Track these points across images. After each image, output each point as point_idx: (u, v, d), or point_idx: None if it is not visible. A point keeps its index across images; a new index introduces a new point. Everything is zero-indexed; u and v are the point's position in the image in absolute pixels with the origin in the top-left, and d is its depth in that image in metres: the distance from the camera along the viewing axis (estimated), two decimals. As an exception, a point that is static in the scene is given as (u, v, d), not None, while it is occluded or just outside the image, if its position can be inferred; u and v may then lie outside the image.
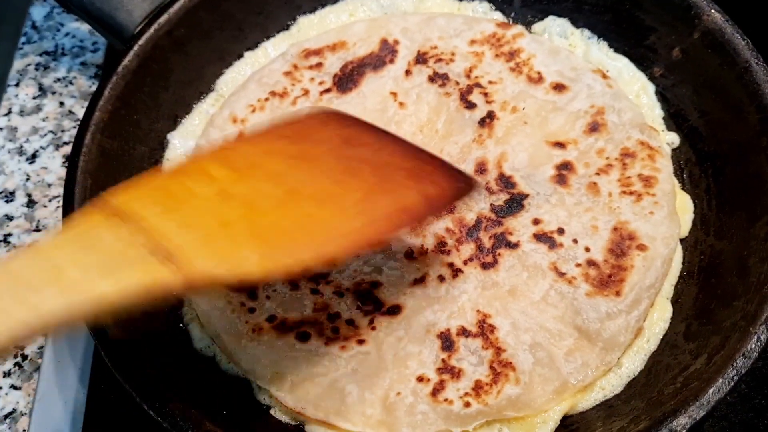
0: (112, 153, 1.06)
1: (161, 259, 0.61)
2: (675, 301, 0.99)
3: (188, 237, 0.63)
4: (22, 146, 1.30)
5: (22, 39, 1.42)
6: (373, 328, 0.95)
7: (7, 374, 1.10)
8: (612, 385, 0.94)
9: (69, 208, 0.97)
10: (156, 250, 0.61)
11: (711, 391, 0.79)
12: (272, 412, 0.95)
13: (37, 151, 1.30)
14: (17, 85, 1.36)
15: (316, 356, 0.93)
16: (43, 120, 1.33)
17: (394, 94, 1.13)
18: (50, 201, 1.25)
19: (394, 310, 0.96)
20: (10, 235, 1.21)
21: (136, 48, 1.10)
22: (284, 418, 0.94)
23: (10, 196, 1.25)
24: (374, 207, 0.72)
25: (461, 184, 0.82)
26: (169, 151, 1.14)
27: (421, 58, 1.16)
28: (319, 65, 1.18)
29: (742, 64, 1.02)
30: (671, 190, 1.03)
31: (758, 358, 0.82)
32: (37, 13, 1.44)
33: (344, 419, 0.90)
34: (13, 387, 1.10)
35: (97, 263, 0.60)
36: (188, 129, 1.17)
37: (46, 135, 1.31)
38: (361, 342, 0.94)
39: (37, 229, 1.22)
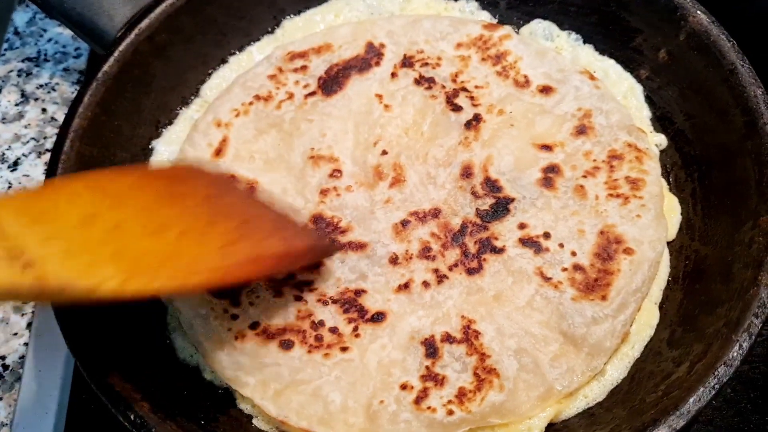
0: (92, 160, 1.05)
1: (20, 265, 0.64)
2: (660, 307, 0.98)
3: (50, 249, 0.67)
4: (4, 153, 1.30)
5: (5, 45, 1.41)
6: (357, 336, 0.94)
7: (-12, 384, 1.10)
8: (595, 392, 0.93)
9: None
10: (15, 256, 0.65)
11: (691, 400, 0.78)
12: (254, 421, 0.94)
13: (19, 158, 1.29)
14: None
15: (300, 364, 0.92)
16: (26, 127, 1.32)
17: (379, 96, 1.12)
18: None
19: (379, 318, 0.95)
20: (-8, 242, 1.20)
21: (116, 54, 1.09)
22: (266, 427, 0.94)
23: (-9, 204, 1.24)
24: (238, 250, 0.81)
25: (324, 246, 0.94)
26: (153, 156, 1.14)
27: (407, 62, 1.15)
28: (304, 68, 1.17)
29: (728, 66, 1.01)
30: (659, 192, 1.02)
31: (744, 362, 0.81)
32: (20, 18, 1.43)
33: (327, 427, 0.90)
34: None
35: None
36: (172, 135, 1.16)
37: (28, 142, 1.30)
38: (344, 349, 0.93)
39: (19, 236, 1.21)
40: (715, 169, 1.02)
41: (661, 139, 1.10)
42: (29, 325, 1.14)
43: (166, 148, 1.15)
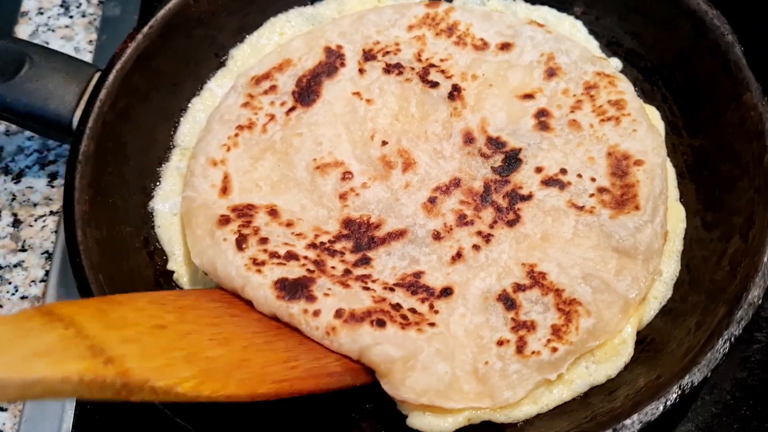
0: (106, 242, 1.02)
1: (102, 361, 0.67)
2: (679, 201, 1.08)
3: (129, 349, 0.70)
4: (7, 165, 1.29)
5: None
6: (436, 312, 0.96)
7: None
8: (662, 292, 1.02)
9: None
10: (97, 353, 0.67)
11: (765, 260, 0.88)
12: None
13: (22, 170, 1.29)
14: None
15: (399, 340, 0.91)
16: (29, 139, 1.31)
17: (357, 93, 1.15)
18: (36, 220, 1.24)
19: (447, 292, 0.98)
20: (-5, 256, 1.19)
21: (88, 130, 1.06)
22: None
23: (-5, 217, 1.24)
24: (301, 365, 0.87)
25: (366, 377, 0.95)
26: (158, 218, 1.11)
27: (369, 55, 1.18)
28: (273, 88, 1.17)
29: (659, -21, 1.12)
30: (640, 106, 1.11)
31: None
32: (22, 31, 1.41)
33: (446, 399, 0.91)
34: (0, 408, 1.08)
35: (34, 349, 0.64)
36: (165, 191, 1.14)
37: (31, 154, 1.30)
38: (432, 325, 0.95)
39: (23, 249, 1.22)
40: (677, 71, 1.14)
41: (616, 63, 1.21)
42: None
43: (164, 205, 1.12)
